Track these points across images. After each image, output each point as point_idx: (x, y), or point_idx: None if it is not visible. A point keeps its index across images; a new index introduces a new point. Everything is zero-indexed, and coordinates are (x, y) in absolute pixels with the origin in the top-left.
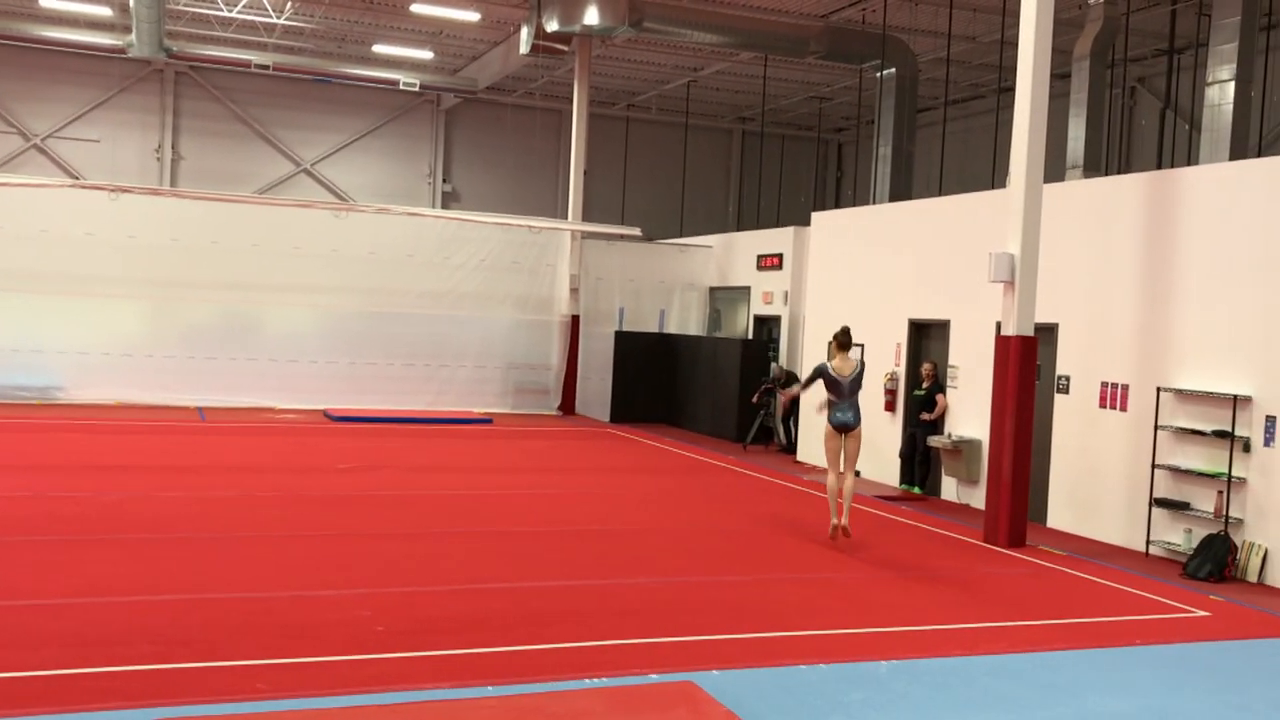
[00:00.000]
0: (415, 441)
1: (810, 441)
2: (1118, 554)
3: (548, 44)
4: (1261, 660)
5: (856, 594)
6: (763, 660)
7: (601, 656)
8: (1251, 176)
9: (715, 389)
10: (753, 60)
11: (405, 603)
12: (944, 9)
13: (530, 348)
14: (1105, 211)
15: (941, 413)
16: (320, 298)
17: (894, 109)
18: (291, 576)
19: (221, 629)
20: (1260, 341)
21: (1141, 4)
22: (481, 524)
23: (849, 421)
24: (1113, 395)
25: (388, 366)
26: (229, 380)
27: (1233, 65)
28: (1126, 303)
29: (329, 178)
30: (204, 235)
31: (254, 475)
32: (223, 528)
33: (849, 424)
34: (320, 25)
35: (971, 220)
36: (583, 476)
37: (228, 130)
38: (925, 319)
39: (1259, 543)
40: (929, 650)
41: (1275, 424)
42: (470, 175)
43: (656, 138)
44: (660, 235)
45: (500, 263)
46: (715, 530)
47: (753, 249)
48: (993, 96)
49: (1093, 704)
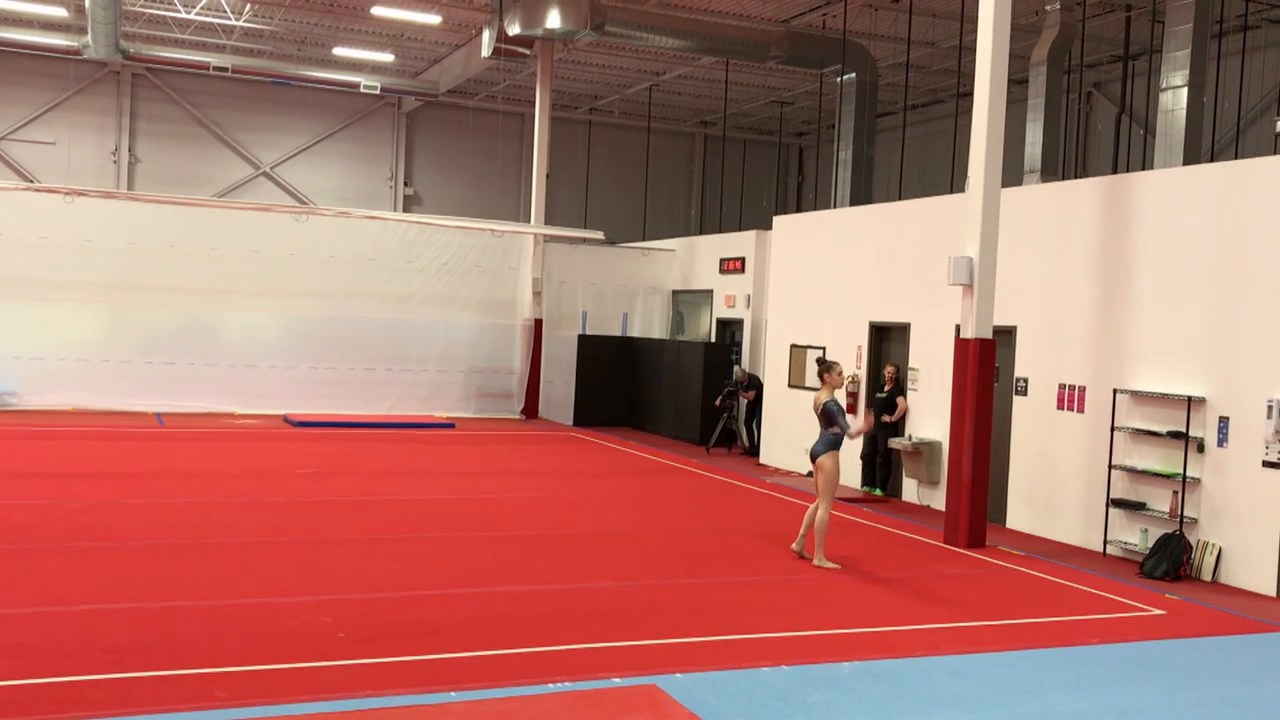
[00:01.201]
0: (377, 446)
1: (774, 444)
2: (1076, 554)
3: (510, 47)
4: (1216, 658)
5: (818, 596)
6: (725, 663)
7: (564, 660)
8: (1204, 181)
9: (678, 392)
10: (714, 65)
11: (367, 608)
12: (903, 15)
13: (493, 351)
14: (1062, 215)
15: (902, 415)
16: (280, 302)
17: (854, 114)
18: (251, 583)
19: (180, 637)
20: (1214, 343)
21: (1097, 10)
22: (443, 529)
23: (812, 450)
24: (1070, 397)
25: (349, 371)
26: (188, 385)
27: (1186, 71)
28: (1083, 305)
29: (289, 181)
30: (162, 239)
31: (213, 481)
32: (181, 535)
33: (812, 453)
34: (280, 27)
35: (931, 224)
36: (545, 480)
37: (186, 133)
38: (886, 322)
39: (1213, 542)
40: (890, 651)
41: (1229, 425)
42: (432, 178)
43: (619, 141)
44: (623, 239)
45: (462, 266)
46: (678, 533)
47: (715, 252)
48: (951, 101)
49: (1053, 703)
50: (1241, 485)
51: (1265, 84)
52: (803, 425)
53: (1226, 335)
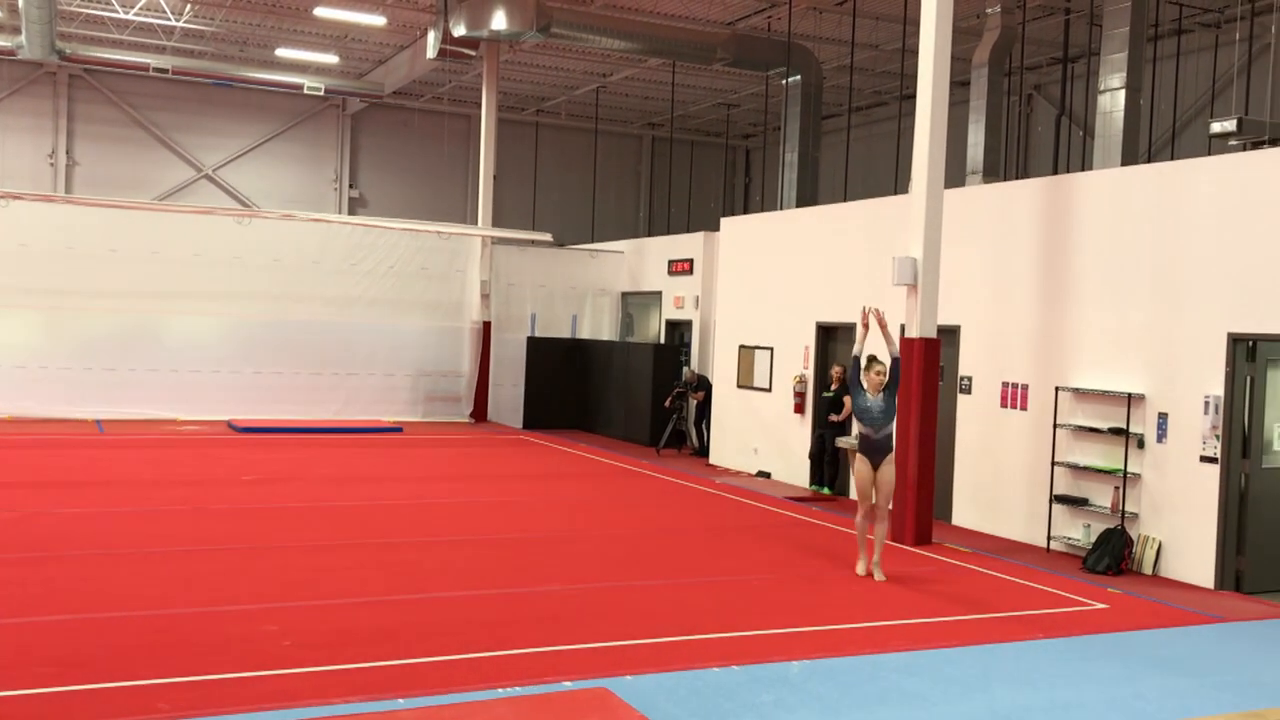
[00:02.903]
0: (323, 452)
1: (723, 444)
2: (1021, 550)
3: (455, 48)
4: (1157, 650)
5: (767, 595)
6: (675, 664)
7: (514, 665)
8: (1142, 182)
9: (628, 394)
10: (661, 67)
11: (313, 616)
12: (847, 18)
13: (441, 354)
14: (1004, 216)
15: (849, 414)
16: (223, 306)
17: (800, 116)
18: (195, 592)
19: (122, 648)
20: (1152, 341)
21: (1037, 14)
22: (391, 535)
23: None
24: (1014, 395)
25: (294, 375)
26: (129, 392)
27: (1123, 74)
28: (1025, 304)
29: (232, 183)
30: (101, 243)
31: (155, 489)
32: (123, 543)
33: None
34: (221, 28)
35: (876, 225)
36: (495, 484)
37: (125, 135)
38: (832, 322)
39: (1154, 536)
40: (839, 649)
41: (1167, 421)
42: (378, 180)
43: (567, 143)
44: (571, 240)
45: (409, 269)
46: (628, 535)
47: (664, 254)
48: (895, 103)
49: (1000, 698)
50: (1180, 480)
51: (1199, 86)
52: (751, 426)
53: (1165, 333)
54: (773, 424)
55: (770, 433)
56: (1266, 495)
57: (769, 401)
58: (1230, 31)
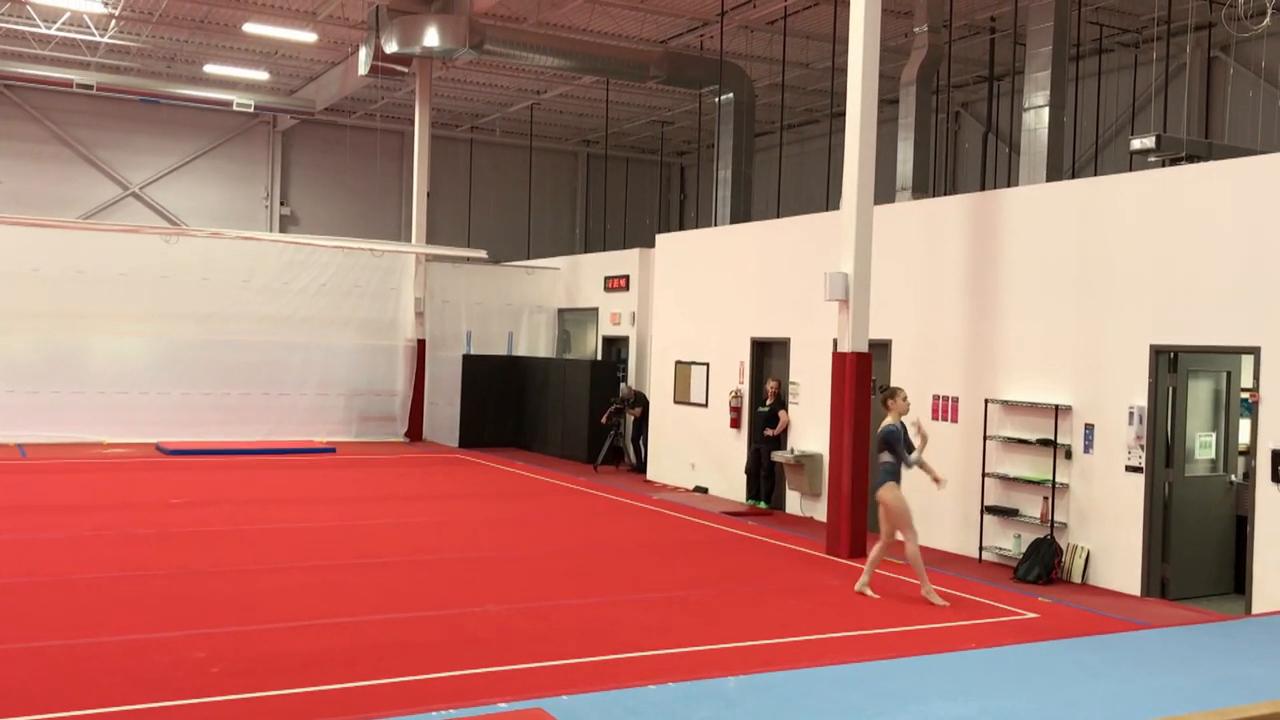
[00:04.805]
0: (254, 473)
1: (661, 460)
2: (953, 561)
3: (387, 65)
4: (1087, 658)
5: (703, 611)
6: (612, 682)
7: (448, 687)
8: (1066, 197)
9: (565, 411)
10: (595, 84)
11: (242, 642)
12: (778, 36)
13: (374, 373)
14: (933, 231)
15: (784, 428)
16: (151, 326)
17: (733, 133)
18: (121, 620)
19: (45, 678)
20: (1078, 353)
21: (963, 33)
22: (323, 557)
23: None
24: (944, 408)
25: (224, 396)
26: (53, 414)
27: (1046, 92)
28: (955, 318)
29: (159, 201)
30: (23, 262)
31: (80, 514)
32: (46, 571)
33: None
34: (148, 44)
35: (808, 241)
36: (430, 504)
37: (48, 152)
38: (767, 337)
39: (1082, 545)
40: (775, 663)
41: (1094, 431)
42: (309, 198)
43: (501, 160)
44: (507, 257)
45: (342, 287)
46: (566, 553)
47: (600, 270)
48: (826, 121)
49: (934, 709)
50: (1106, 489)
51: (1120, 104)
52: (688, 441)
53: (1090, 345)
54: (709, 439)
55: (707, 448)
56: (1189, 503)
57: (706, 417)
58: (1149, 51)
